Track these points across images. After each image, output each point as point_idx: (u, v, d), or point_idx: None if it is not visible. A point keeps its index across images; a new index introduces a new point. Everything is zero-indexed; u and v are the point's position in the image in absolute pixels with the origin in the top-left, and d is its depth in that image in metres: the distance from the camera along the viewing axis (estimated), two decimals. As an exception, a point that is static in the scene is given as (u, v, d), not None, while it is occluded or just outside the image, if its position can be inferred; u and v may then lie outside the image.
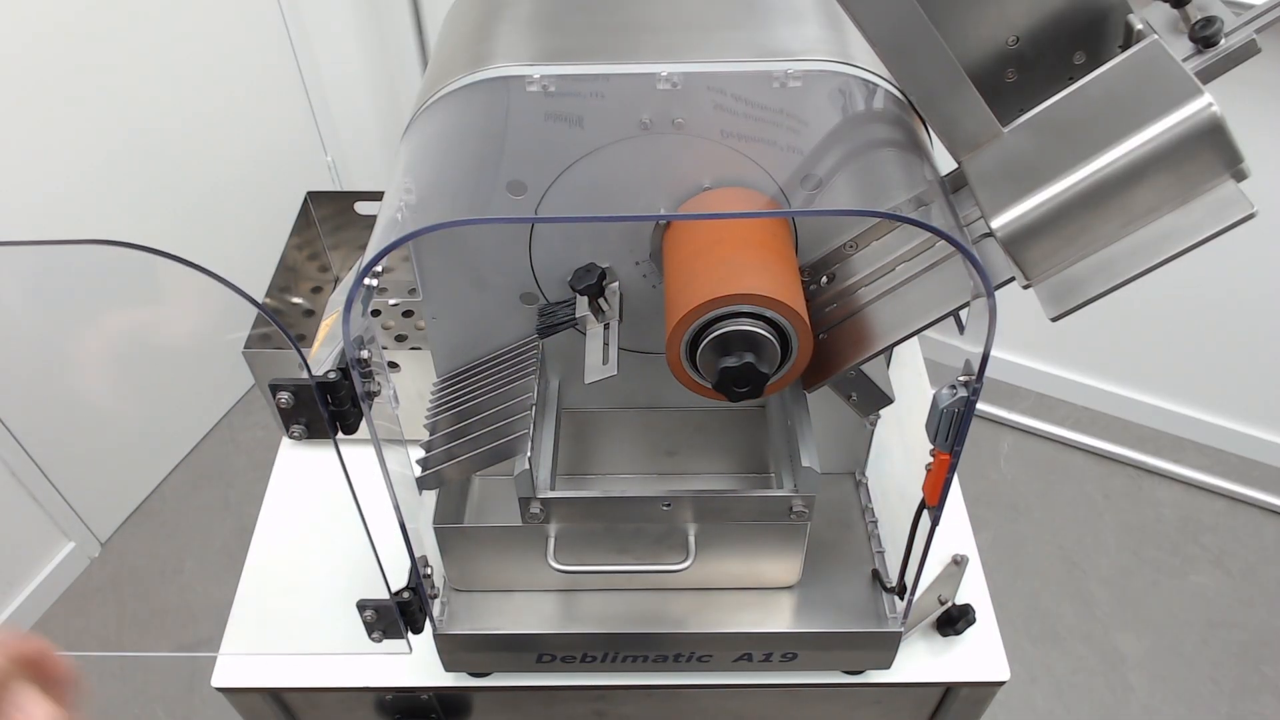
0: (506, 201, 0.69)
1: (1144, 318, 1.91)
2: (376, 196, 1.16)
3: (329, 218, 1.17)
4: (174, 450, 2.03)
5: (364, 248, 1.05)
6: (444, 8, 0.86)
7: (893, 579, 0.79)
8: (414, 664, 0.83)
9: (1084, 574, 1.85)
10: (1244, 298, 1.81)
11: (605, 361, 0.70)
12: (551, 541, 0.76)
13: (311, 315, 1.13)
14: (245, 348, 0.96)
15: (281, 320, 0.57)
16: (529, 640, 0.79)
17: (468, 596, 0.82)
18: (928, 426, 0.62)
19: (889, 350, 0.67)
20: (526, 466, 0.70)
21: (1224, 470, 1.98)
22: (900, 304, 0.65)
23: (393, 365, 0.96)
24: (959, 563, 0.87)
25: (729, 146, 0.67)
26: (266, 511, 0.97)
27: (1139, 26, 0.60)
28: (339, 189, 2.00)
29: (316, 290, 1.17)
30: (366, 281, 0.56)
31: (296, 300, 1.13)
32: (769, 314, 0.61)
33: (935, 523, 0.68)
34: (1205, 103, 0.51)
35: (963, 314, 0.63)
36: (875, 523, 0.88)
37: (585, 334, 0.73)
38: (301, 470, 1.01)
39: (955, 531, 0.92)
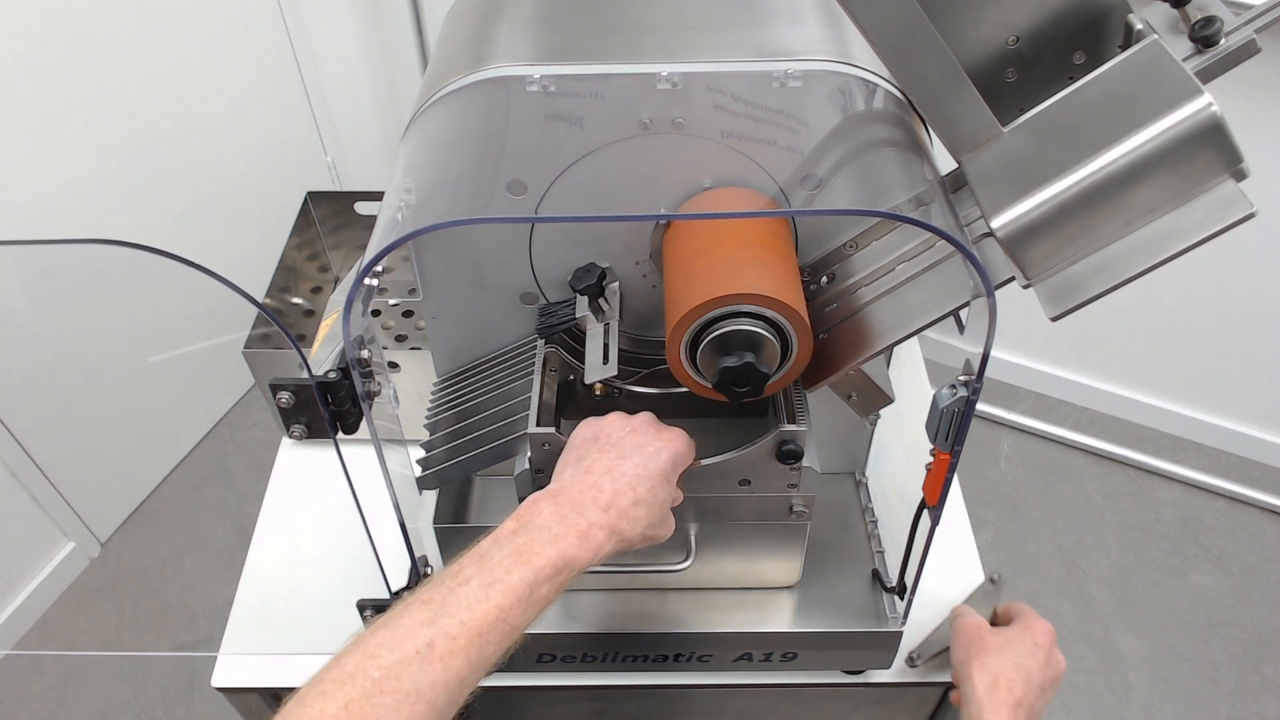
0: (506, 201, 0.69)
1: (1144, 318, 1.91)
2: (376, 196, 1.16)
3: (329, 218, 1.17)
4: (174, 450, 2.03)
5: (364, 248, 1.05)
6: (444, 8, 0.86)
7: (893, 579, 0.79)
8: (414, 664, 0.83)
9: (1084, 574, 1.85)
10: (1244, 298, 1.81)
11: (605, 361, 0.69)
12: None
13: (311, 315, 1.13)
14: (245, 348, 0.96)
15: (281, 320, 0.57)
16: (529, 640, 0.78)
17: (468, 596, 0.81)
18: (928, 426, 0.62)
19: (889, 350, 0.67)
20: (526, 466, 0.70)
21: (1224, 470, 1.98)
22: (900, 304, 0.65)
23: (393, 365, 0.96)
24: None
25: (729, 146, 0.67)
26: (266, 511, 0.97)
27: (1139, 26, 0.60)
28: (339, 189, 2.00)
29: (316, 290, 1.17)
30: (366, 281, 0.56)
31: (296, 300, 1.13)
32: (769, 314, 0.61)
33: (935, 523, 0.68)
34: (1205, 102, 0.51)
35: (963, 314, 0.63)
36: (875, 523, 0.88)
37: (585, 334, 0.73)
38: (301, 470, 1.01)
39: (955, 531, 0.92)
